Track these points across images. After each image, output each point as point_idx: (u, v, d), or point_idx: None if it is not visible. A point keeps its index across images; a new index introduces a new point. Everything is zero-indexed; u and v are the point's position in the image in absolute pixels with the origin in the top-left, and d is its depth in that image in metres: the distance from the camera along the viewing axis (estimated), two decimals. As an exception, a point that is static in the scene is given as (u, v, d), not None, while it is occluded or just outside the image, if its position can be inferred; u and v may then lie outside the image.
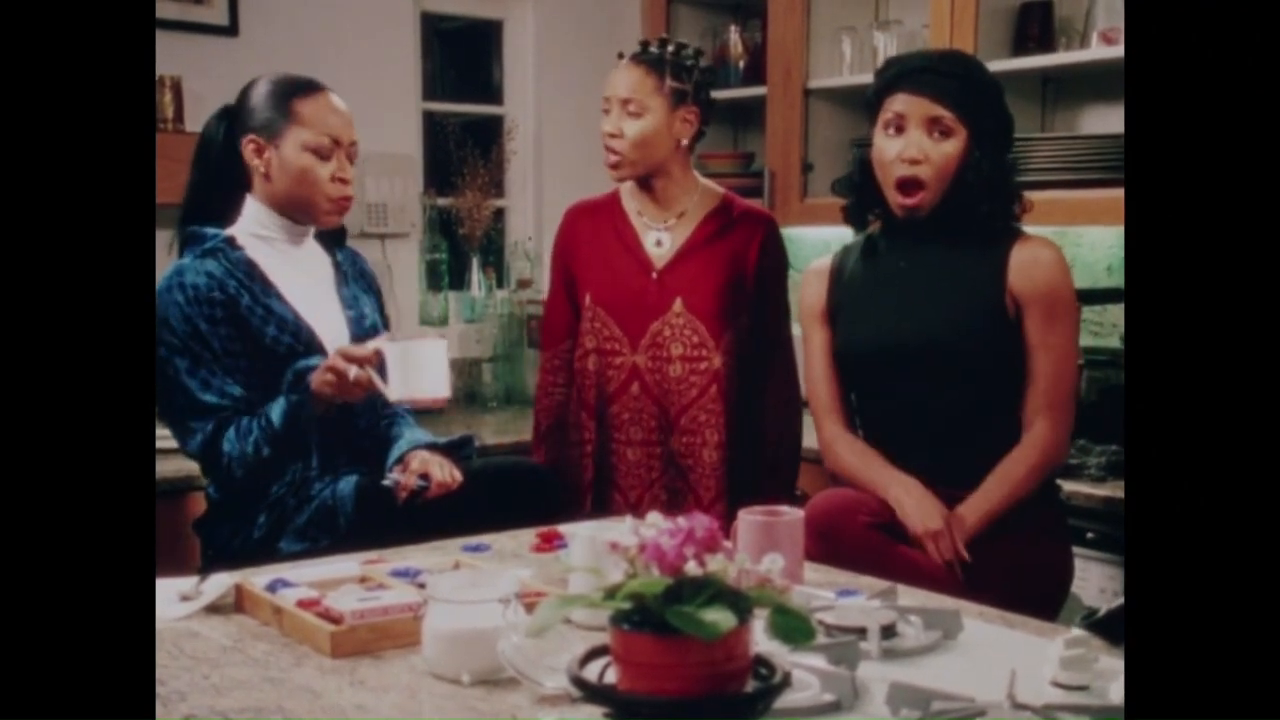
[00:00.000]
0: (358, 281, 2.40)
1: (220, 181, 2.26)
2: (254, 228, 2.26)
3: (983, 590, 1.84)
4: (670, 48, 2.51)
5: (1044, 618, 1.69)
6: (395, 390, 1.85)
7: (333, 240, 2.39)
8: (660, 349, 2.52)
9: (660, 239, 2.55)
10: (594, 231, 2.60)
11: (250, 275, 2.21)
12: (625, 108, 2.46)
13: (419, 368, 1.88)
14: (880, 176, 2.15)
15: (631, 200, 2.60)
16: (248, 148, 2.23)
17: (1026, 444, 2.14)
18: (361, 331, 2.30)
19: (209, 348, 2.16)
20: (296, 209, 2.24)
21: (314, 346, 2.21)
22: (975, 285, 2.13)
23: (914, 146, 2.09)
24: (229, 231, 2.24)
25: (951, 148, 2.09)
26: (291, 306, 2.22)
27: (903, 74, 2.13)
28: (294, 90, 2.24)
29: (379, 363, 2.09)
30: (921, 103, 2.09)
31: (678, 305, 2.50)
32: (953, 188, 2.10)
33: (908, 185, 2.11)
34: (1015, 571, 2.05)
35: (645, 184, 2.55)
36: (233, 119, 2.28)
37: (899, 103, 2.11)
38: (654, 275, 2.53)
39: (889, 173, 2.12)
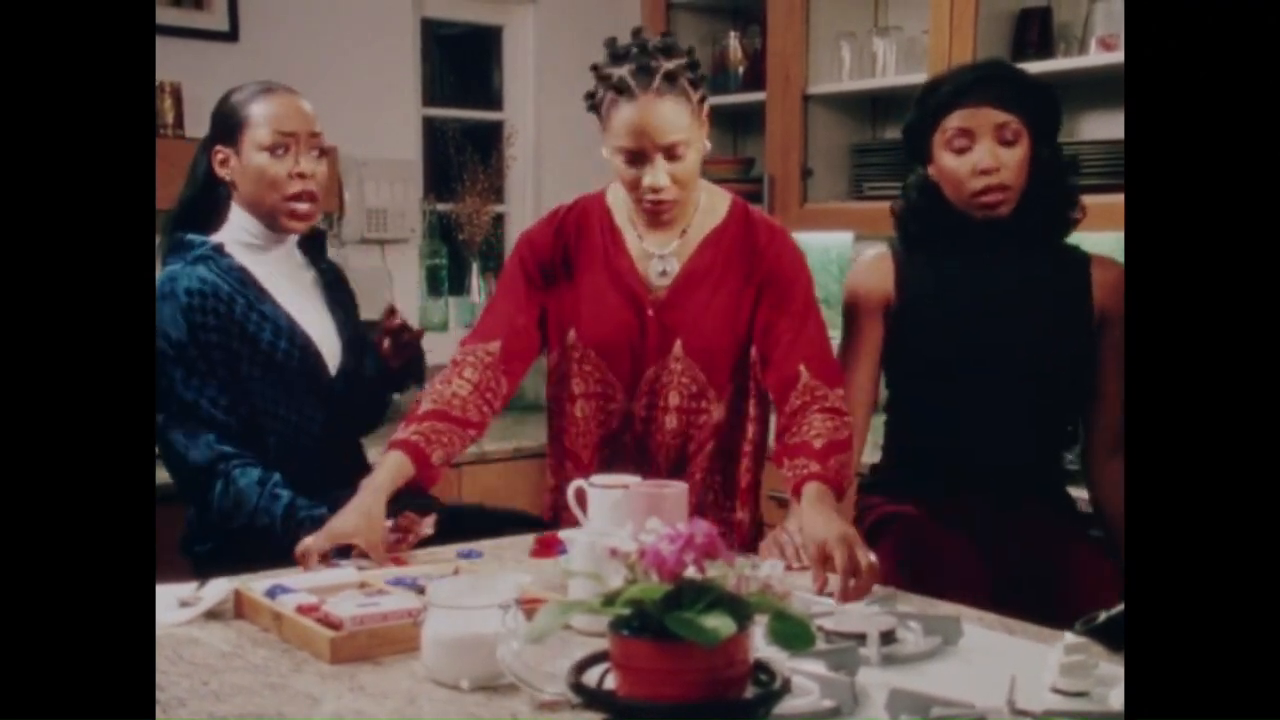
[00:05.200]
0: (338, 291, 2.38)
1: (204, 192, 2.25)
2: (240, 235, 2.23)
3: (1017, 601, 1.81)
4: (663, 54, 2.02)
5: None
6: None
7: (315, 251, 2.37)
8: (657, 396, 2.16)
9: (665, 268, 2.14)
10: (587, 251, 2.18)
11: (242, 281, 2.19)
12: (670, 153, 2.00)
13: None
14: (953, 195, 2.11)
15: (627, 217, 2.17)
16: (215, 158, 2.21)
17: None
18: (344, 340, 2.29)
19: (206, 356, 2.13)
20: (262, 214, 2.21)
21: (309, 350, 2.21)
22: (1062, 295, 2.13)
23: (989, 156, 2.05)
24: (216, 239, 2.22)
25: (1022, 152, 2.08)
26: (285, 311, 2.21)
27: (960, 89, 2.10)
28: (250, 95, 2.21)
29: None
30: (987, 113, 2.06)
31: (677, 348, 2.13)
32: (1029, 190, 2.10)
33: (990, 193, 2.07)
34: (1052, 581, 2.01)
35: None
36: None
37: (960, 119, 2.07)
38: (651, 313, 2.14)
39: (965, 189, 2.08)
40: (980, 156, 2.06)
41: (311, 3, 3.66)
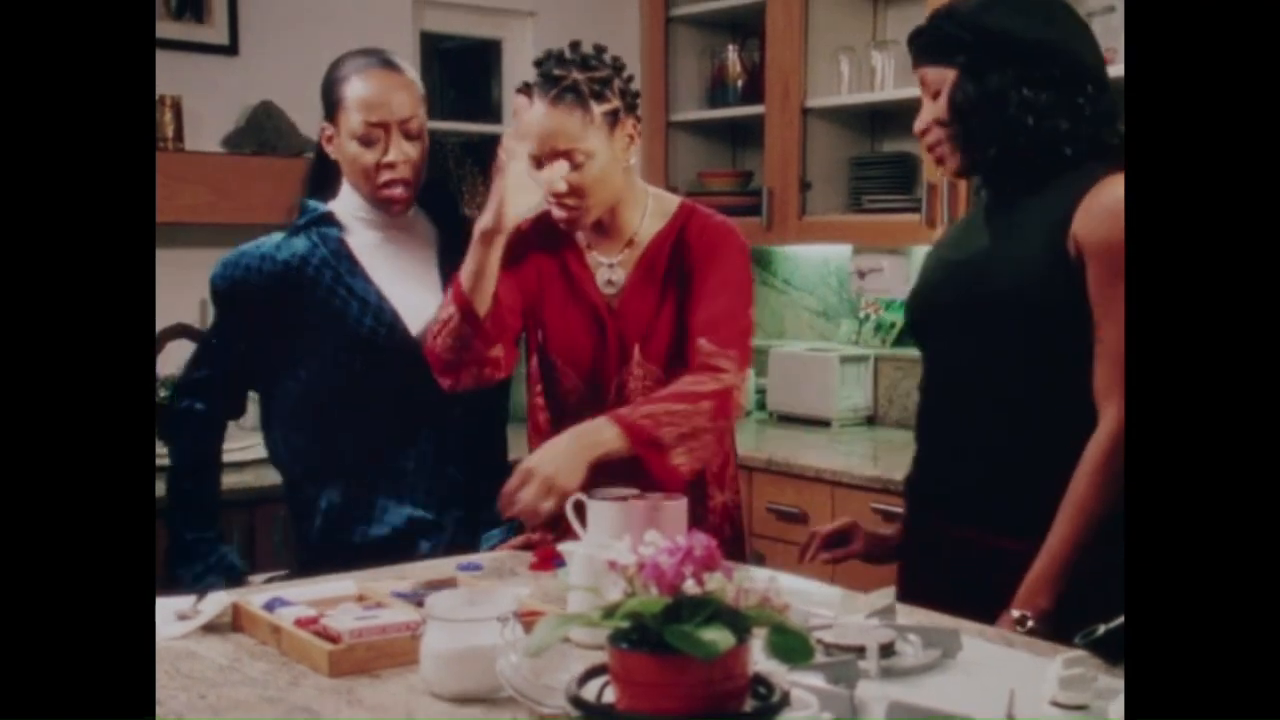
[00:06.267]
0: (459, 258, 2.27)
1: (320, 162, 2.27)
2: (351, 207, 2.24)
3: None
4: (576, 66, 2.06)
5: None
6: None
7: (442, 211, 2.33)
8: (627, 401, 2.14)
9: (612, 277, 2.17)
10: (550, 264, 2.20)
11: (337, 254, 2.20)
12: (568, 159, 2.04)
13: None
14: None
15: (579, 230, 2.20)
16: (324, 135, 2.21)
17: (1092, 442, 1.74)
18: None
19: (246, 319, 2.22)
20: (360, 195, 2.22)
21: (396, 330, 2.18)
22: (1037, 229, 1.82)
23: (921, 119, 1.95)
24: (329, 206, 2.23)
25: (947, 98, 1.90)
26: (376, 287, 2.19)
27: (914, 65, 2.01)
28: (349, 70, 2.19)
29: None
30: (919, 75, 1.95)
31: (636, 354, 2.15)
32: (967, 133, 1.88)
33: (931, 151, 1.96)
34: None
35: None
36: None
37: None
38: (610, 322, 2.15)
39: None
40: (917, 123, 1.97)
41: (311, 16, 3.67)
